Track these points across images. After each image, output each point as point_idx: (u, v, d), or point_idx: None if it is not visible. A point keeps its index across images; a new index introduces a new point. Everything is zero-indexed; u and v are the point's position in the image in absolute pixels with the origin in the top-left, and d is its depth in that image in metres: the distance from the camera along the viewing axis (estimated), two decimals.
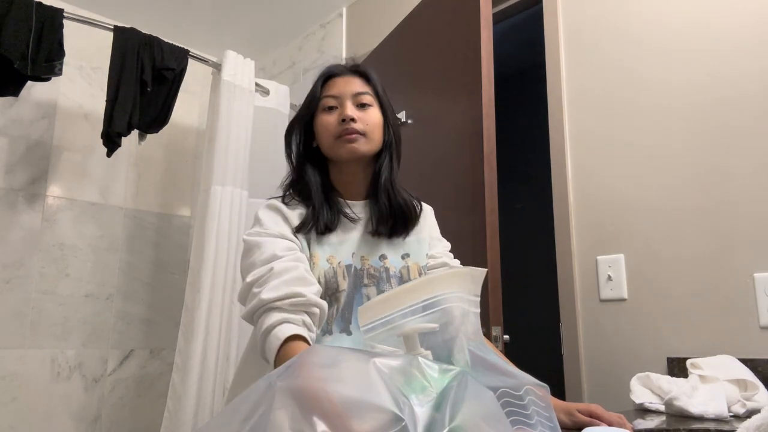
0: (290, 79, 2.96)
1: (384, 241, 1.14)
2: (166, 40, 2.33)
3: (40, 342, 2.54)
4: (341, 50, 2.71)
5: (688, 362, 1.27)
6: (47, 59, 2.02)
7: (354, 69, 1.16)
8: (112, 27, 2.19)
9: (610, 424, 0.91)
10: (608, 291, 1.65)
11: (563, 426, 0.94)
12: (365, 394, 0.52)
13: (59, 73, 2.08)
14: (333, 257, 1.08)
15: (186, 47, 2.38)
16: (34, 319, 2.53)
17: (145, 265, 2.94)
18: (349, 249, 1.10)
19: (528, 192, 3.19)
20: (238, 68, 2.41)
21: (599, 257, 1.68)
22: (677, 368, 1.45)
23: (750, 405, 1.17)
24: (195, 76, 3.03)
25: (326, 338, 1.04)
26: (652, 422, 1.10)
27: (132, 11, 2.83)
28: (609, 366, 1.62)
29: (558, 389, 1.67)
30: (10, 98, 2.40)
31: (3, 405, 2.41)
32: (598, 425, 0.91)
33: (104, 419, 2.68)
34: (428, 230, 1.21)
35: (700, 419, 1.10)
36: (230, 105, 2.34)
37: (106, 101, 2.15)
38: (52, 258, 2.62)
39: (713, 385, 1.17)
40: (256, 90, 2.49)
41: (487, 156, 1.49)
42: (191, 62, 2.38)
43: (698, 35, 1.57)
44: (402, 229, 1.15)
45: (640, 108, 1.66)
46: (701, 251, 1.49)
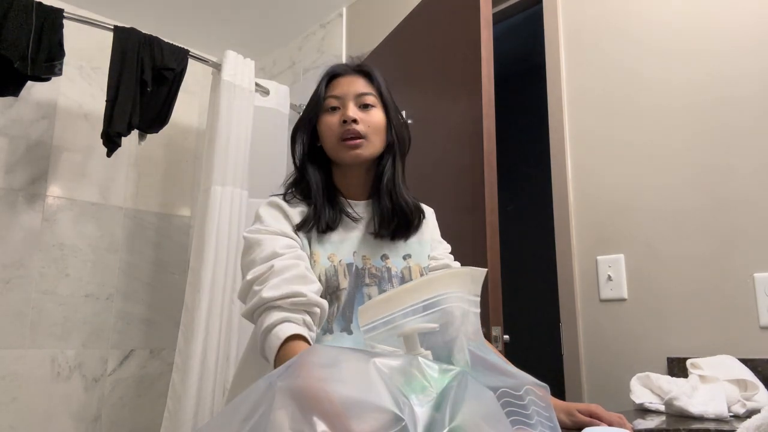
0: (290, 79, 2.96)
1: (386, 242, 1.13)
2: (166, 40, 2.33)
3: (40, 342, 2.54)
4: (341, 50, 2.71)
5: (688, 362, 1.27)
6: (47, 59, 2.02)
7: (357, 68, 1.16)
8: (112, 27, 2.19)
9: (610, 424, 0.91)
10: (608, 291, 1.65)
11: (563, 426, 0.94)
12: (365, 394, 0.52)
13: (59, 73, 2.08)
14: (334, 255, 1.08)
15: (186, 47, 2.38)
16: (34, 319, 2.53)
17: (145, 265, 2.93)
18: (351, 248, 1.10)
19: (528, 192, 3.19)
20: (238, 68, 2.41)
21: (599, 257, 1.68)
22: (677, 368, 1.45)
23: (750, 405, 1.17)
24: (195, 76, 3.03)
25: (327, 337, 1.03)
26: (652, 422, 1.10)
27: (132, 11, 2.83)
28: (609, 366, 1.62)
29: (558, 389, 1.67)
30: (10, 98, 2.40)
31: (3, 405, 2.41)
32: (598, 425, 0.91)
33: (104, 419, 2.68)
34: (430, 232, 1.21)
35: (700, 419, 1.10)
36: (230, 105, 2.34)
37: (106, 101, 2.15)
38: (52, 258, 2.62)
39: (713, 385, 1.17)
40: (256, 90, 2.49)
41: (487, 156, 1.49)
42: (191, 62, 2.38)
43: (698, 35, 1.57)
44: (404, 231, 1.14)
45: (640, 108, 1.66)
46: (701, 251, 1.49)
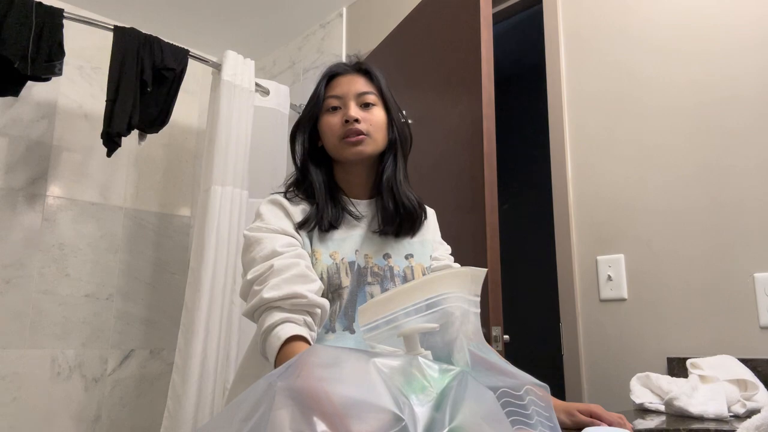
0: (290, 79, 2.96)
1: (388, 241, 1.13)
2: (166, 40, 2.33)
3: (40, 342, 2.54)
4: (341, 50, 2.71)
5: (688, 362, 1.27)
6: (47, 59, 2.02)
7: (357, 67, 1.15)
8: (112, 27, 2.19)
9: (611, 424, 0.91)
10: (608, 291, 1.65)
11: (563, 426, 0.94)
12: (365, 394, 0.52)
13: (59, 73, 2.08)
14: (336, 253, 1.07)
15: (186, 47, 2.38)
16: (34, 319, 2.53)
17: (145, 265, 2.93)
18: (353, 246, 1.09)
19: (528, 192, 3.18)
20: (238, 68, 2.41)
21: (599, 257, 1.68)
22: (677, 368, 1.45)
23: (750, 405, 1.17)
24: (195, 76, 3.03)
25: (329, 336, 1.03)
26: (652, 422, 1.10)
27: (132, 11, 2.83)
28: (609, 366, 1.62)
29: (558, 389, 1.67)
30: (10, 98, 2.40)
31: (3, 405, 2.41)
32: (599, 425, 0.91)
33: (104, 419, 2.68)
34: (431, 233, 1.21)
35: (700, 419, 1.10)
36: (230, 105, 2.34)
37: (106, 101, 2.15)
38: (52, 258, 2.62)
39: (713, 385, 1.17)
40: (256, 90, 2.49)
41: (487, 156, 1.48)
42: (191, 62, 2.38)
43: (698, 35, 1.57)
44: (408, 230, 1.14)
45: (640, 108, 1.66)
46: (701, 251, 1.49)
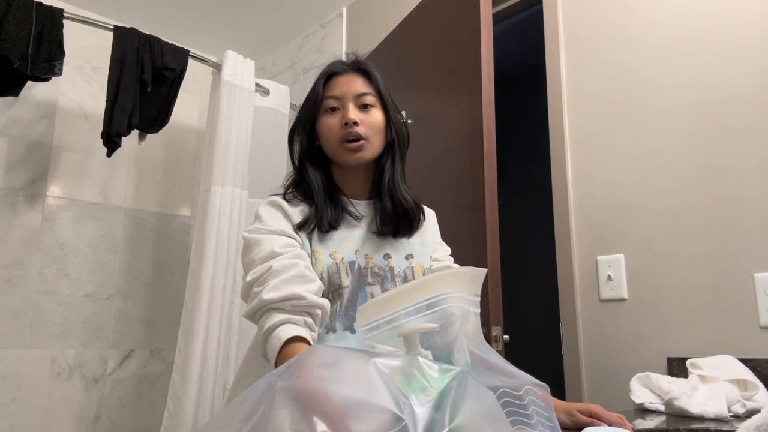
0: (290, 79, 2.96)
1: (388, 241, 1.13)
2: (166, 40, 2.33)
3: (40, 342, 2.54)
4: (341, 50, 2.71)
5: (688, 362, 1.27)
6: (47, 59, 2.02)
7: (356, 66, 1.14)
8: (112, 27, 2.19)
9: (611, 424, 0.91)
10: (608, 291, 1.65)
11: (563, 426, 0.94)
12: (365, 394, 0.52)
13: (59, 73, 2.08)
14: (336, 253, 1.07)
15: (186, 47, 2.38)
16: (34, 319, 2.53)
17: (145, 265, 2.93)
18: (353, 246, 1.09)
19: (528, 192, 3.19)
20: (238, 68, 2.41)
21: (599, 257, 1.68)
22: (677, 368, 1.45)
23: (750, 405, 1.17)
24: (195, 76, 3.03)
25: (330, 336, 1.03)
26: (652, 422, 1.10)
27: (132, 11, 2.83)
28: (609, 366, 1.62)
29: (558, 389, 1.67)
30: (10, 98, 2.40)
31: (3, 405, 2.41)
32: (599, 425, 0.91)
33: (104, 419, 2.68)
34: (431, 233, 1.21)
35: (700, 419, 1.10)
36: (230, 105, 2.34)
37: (106, 101, 2.15)
38: (52, 258, 2.62)
39: (713, 385, 1.17)
40: (256, 90, 2.49)
41: (487, 156, 1.48)
42: (191, 62, 2.38)
43: (698, 35, 1.57)
44: (406, 230, 1.14)
45: (640, 108, 1.66)
46: (701, 251, 1.49)
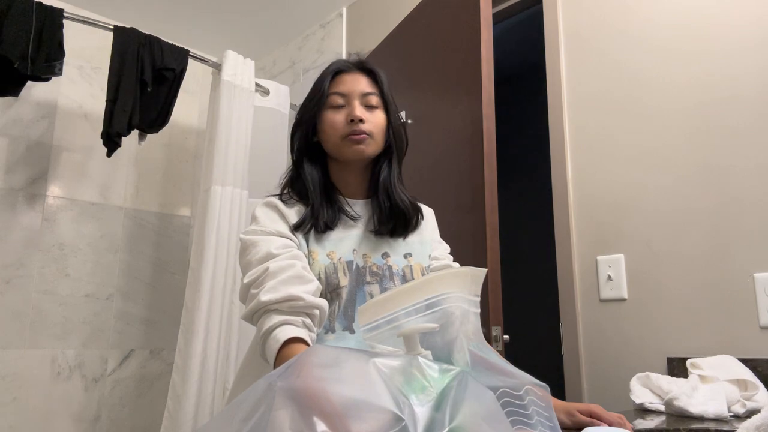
0: (290, 79, 2.96)
1: (386, 240, 1.13)
2: (166, 40, 2.33)
3: (40, 342, 2.54)
4: (341, 50, 2.71)
5: (688, 362, 1.27)
6: (47, 59, 2.02)
7: (361, 66, 1.15)
8: (112, 27, 2.19)
9: (611, 424, 0.91)
10: (608, 291, 1.65)
11: (563, 426, 0.94)
12: (365, 395, 0.52)
13: (59, 73, 2.08)
14: (333, 253, 1.07)
15: (186, 47, 2.39)
16: (34, 319, 2.53)
17: (145, 265, 2.93)
18: (350, 245, 1.09)
19: (528, 192, 3.19)
20: (238, 68, 2.41)
21: (599, 257, 1.68)
22: (677, 368, 1.45)
23: (750, 405, 1.17)
24: (195, 76, 3.03)
25: (329, 336, 1.03)
26: (652, 422, 1.10)
27: (132, 11, 2.83)
28: (609, 366, 1.62)
29: (558, 389, 1.67)
30: (10, 98, 2.40)
31: (3, 405, 2.41)
32: (599, 425, 0.91)
33: (104, 419, 2.68)
34: (430, 232, 1.21)
35: (700, 419, 1.10)
36: (230, 105, 2.34)
37: (106, 101, 2.15)
38: (52, 258, 2.62)
39: (713, 385, 1.17)
40: (256, 90, 2.49)
41: (487, 156, 1.48)
42: (191, 62, 2.38)
43: (698, 35, 1.57)
44: (402, 230, 1.14)
45: (641, 108, 1.66)
46: (701, 251, 1.49)
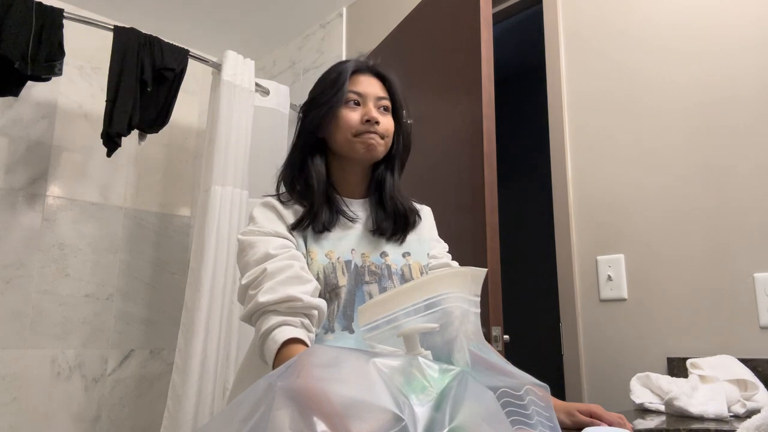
0: (290, 79, 2.96)
1: (384, 239, 1.13)
2: (166, 40, 2.33)
3: (40, 342, 2.54)
4: (341, 50, 2.71)
5: (688, 362, 1.27)
6: (47, 59, 2.02)
7: (375, 70, 1.16)
8: (112, 27, 2.19)
9: (611, 424, 0.91)
10: (608, 291, 1.65)
11: (563, 426, 0.94)
12: (365, 395, 0.52)
13: (59, 73, 2.08)
14: (332, 252, 1.07)
15: (186, 47, 2.39)
16: (34, 319, 2.53)
17: (145, 265, 2.93)
18: (349, 245, 1.10)
19: (528, 192, 3.19)
20: (238, 68, 2.41)
21: (599, 257, 1.68)
22: (677, 368, 1.45)
23: (750, 405, 1.17)
24: (195, 76, 3.03)
25: (329, 336, 1.03)
26: (652, 422, 1.10)
27: (132, 11, 2.83)
28: (609, 366, 1.62)
29: (558, 389, 1.67)
30: (10, 98, 2.40)
31: (3, 405, 2.41)
32: (599, 425, 0.91)
33: (104, 419, 2.68)
34: (428, 231, 1.22)
35: (700, 419, 1.10)
36: (230, 105, 2.34)
37: (106, 101, 2.15)
38: (52, 258, 2.62)
39: (713, 385, 1.17)
40: (256, 90, 2.49)
41: (487, 156, 1.48)
42: (191, 62, 2.38)
43: (698, 35, 1.57)
44: (401, 232, 1.15)
45: (641, 108, 1.66)
46: (701, 251, 1.49)
